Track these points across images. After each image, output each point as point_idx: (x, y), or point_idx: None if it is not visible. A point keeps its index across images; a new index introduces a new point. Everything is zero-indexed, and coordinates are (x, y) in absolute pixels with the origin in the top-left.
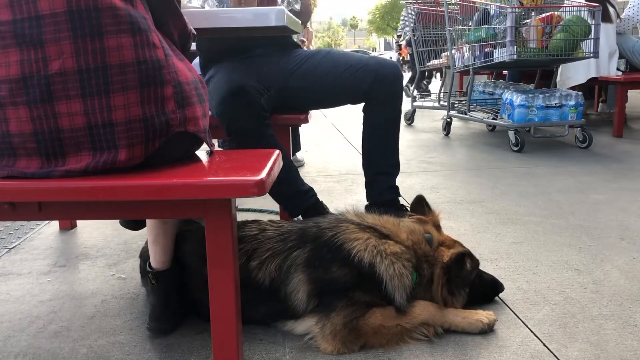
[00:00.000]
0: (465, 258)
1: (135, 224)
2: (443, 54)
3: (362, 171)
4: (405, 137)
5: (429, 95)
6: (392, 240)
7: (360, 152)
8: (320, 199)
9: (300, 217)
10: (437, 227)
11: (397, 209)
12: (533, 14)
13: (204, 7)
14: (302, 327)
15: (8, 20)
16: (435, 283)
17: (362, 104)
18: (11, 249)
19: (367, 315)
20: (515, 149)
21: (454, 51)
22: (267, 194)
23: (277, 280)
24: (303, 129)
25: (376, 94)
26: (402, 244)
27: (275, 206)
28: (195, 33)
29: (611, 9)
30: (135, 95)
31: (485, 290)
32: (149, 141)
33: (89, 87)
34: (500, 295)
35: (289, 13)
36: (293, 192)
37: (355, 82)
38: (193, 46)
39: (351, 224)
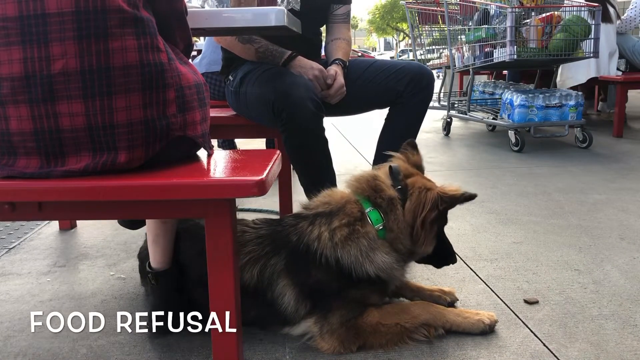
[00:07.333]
0: (437, 193)
1: (133, 223)
2: (443, 54)
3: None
4: None
5: None
6: (337, 217)
7: (360, 152)
8: None
9: None
10: (419, 167)
11: None
12: (533, 13)
13: (204, 7)
14: (301, 328)
15: (15, 16)
16: (405, 214)
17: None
18: (11, 249)
19: (364, 314)
20: (515, 149)
21: (453, 51)
22: (267, 194)
23: (260, 284)
24: None
25: (409, 95)
26: (345, 213)
27: (275, 206)
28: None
29: (611, 9)
30: (138, 97)
31: (445, 252)
32: (150, 144)
33: (91, 88)
34: (500, 295)
35: (289, 13)
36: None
37: (391, 82)
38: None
39: (303, 219)
